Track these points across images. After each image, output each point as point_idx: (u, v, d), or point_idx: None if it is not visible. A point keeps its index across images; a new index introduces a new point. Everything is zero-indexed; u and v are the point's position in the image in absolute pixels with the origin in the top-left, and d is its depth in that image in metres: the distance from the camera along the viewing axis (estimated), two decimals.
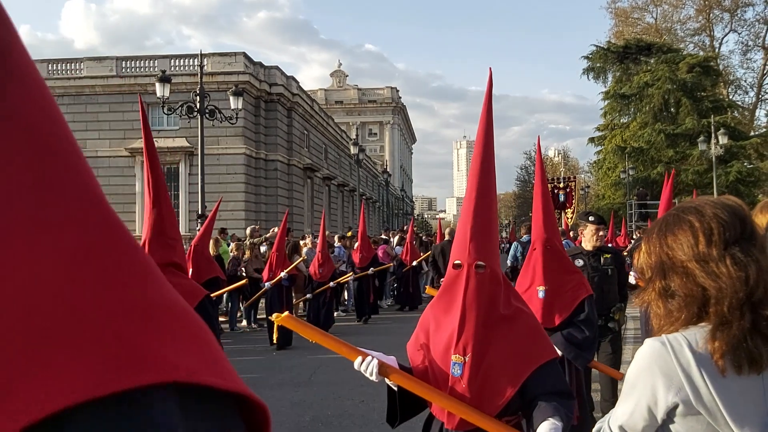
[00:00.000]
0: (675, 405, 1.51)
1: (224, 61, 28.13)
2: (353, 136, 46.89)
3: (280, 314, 2.43)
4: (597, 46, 38.35)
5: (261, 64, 29.89)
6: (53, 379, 0.44)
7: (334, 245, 15.45)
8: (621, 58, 36.98)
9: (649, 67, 35.57)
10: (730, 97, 39.21)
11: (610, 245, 9.29)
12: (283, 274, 10.56)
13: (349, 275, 12.72)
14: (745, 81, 40.69)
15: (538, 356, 2.32)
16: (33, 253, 0.48)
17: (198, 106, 17.25)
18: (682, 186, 30.16)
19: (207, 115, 17.61)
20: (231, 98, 18.68)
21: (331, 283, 11.69)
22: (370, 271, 13.22)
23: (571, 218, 29.87)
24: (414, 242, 17.14)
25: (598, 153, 38.93)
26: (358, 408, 6.46)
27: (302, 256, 12.61)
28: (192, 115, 17.97)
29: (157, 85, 17.56)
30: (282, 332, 9.05)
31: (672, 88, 33.89)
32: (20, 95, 0.51)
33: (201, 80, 17.67)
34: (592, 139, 39.36)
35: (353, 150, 31.53)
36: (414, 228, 17.85)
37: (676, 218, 1.64)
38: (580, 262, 5.48)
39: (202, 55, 18.42)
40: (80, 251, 0.50)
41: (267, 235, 14.59)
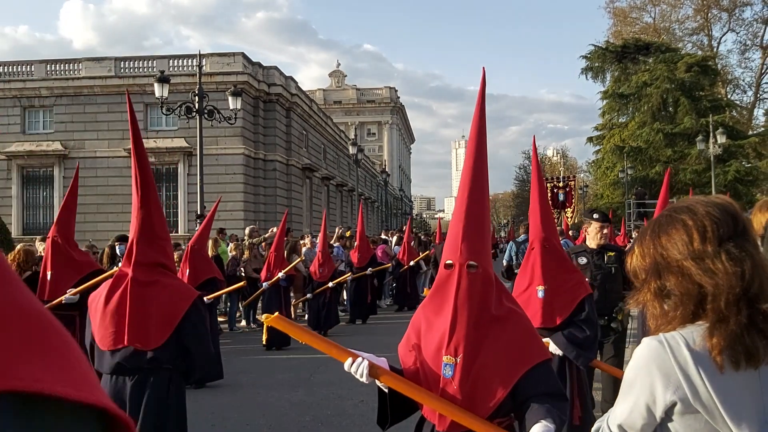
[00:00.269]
0: (673, 403, 1.52)
1: (223, 62, 28.11)
2: (352, 136, 46.97)
3: (270, 315, 2.42)
4: (595, 45, 38.40)
5: (259, 65, 29.86)
6: None
7: (333, 245, 15.46)
8: (619, 58, 37.01)
9: (647, 67, 35.60)
10: (729, 96, 39.25)
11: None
12: (280, 274, 10.55)
13: (348, 275, 12.70)
14: (744, 80, 40.80)
15: (531, 357, 2.30)
16: None
17: (197, 107, 17.24)
18: (680, 185, 30.17)
19: (206, 116, 17.61)
20: (230, 98, 18.67)
21: (330, 283, 11.68)
22: (368, 272, 13.22)
23: (570, 217, 29.90)
24: (413, 242, 17.15)
25: (597, 152, 38.93)
26: (358, 408, 6.47)
27: (300, 256, 12.62)
28: (191, 116, 17.96)
29: (156, 85, 17.56)
30: (275, 332, 9.01)
31: (670, 87, 33.90)
32: None
33: (200, 80, 17.66)
34: (590, 139, 39.36)
35: (352, 150, 31.53)
36: (413, 228, 17.83)
37: (668, 218, 1.65)
38: (583, 260, 5.43)
39: (200, 55, 18.40)
40: None
41: (266, 235, 14.58)
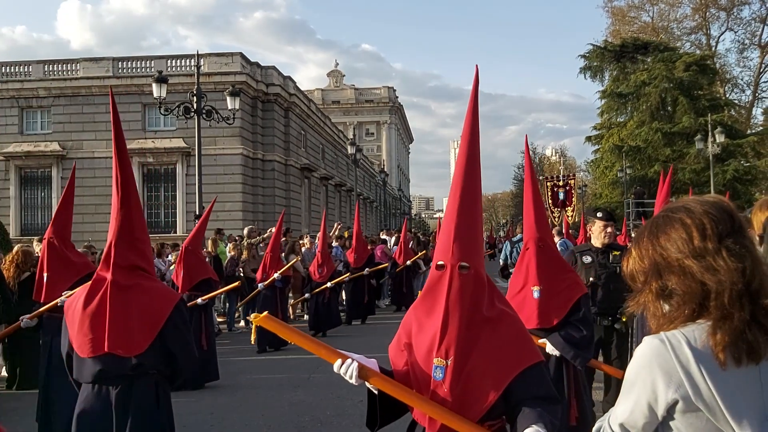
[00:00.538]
0: (675, 401, 1.51)
1: (221, 62, 28.10)
2: (350, 136, 46.94)
3: (259, 314, 2.39)
4: (594, 45, 38.44)
5: (258, 65, 29.85)
6: None
7: (332, 245, 15.44)
8: (618, 57, 37.04)
9: (645, 66, 35.62)
10: (727, 95, 39.30)
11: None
12: (276, 275, 10.50)
13: (346, 276, 12.67)
14: (742, 79, 40.83)
15: (523, 360, 2.26)
16: None
17: (195, 107, 17.23)
18: (679, 184, 30.17)
19: (204, 116, 17.59)
20: (228, 98, 18.66)
21: (329, 283, 11.66)
22: (365, 272, 13.17)
23: (571, 216, 29.87)
24: (412, 242, 17.11)
25: (596, 152, 38.95)
26: (357, 408, 6.45)
27: (297, 256, 12.60)
28: (189, 116, 17.95)
29: (154, 85, 17.54)
30: (272, 333, 8.96)
31: (669, 86, 33.93)
32: None
33: (198, 80, 17.64)
34: (589, 138, 39.38)
35: (350, 150, 31.53)
36: (412, 228, 17.80)
37: (666, 219, 1.65)
38: (588, 259, 5.39)
39: (198, 55, 18.38)
40: None
41: (264, 235, 14.56)
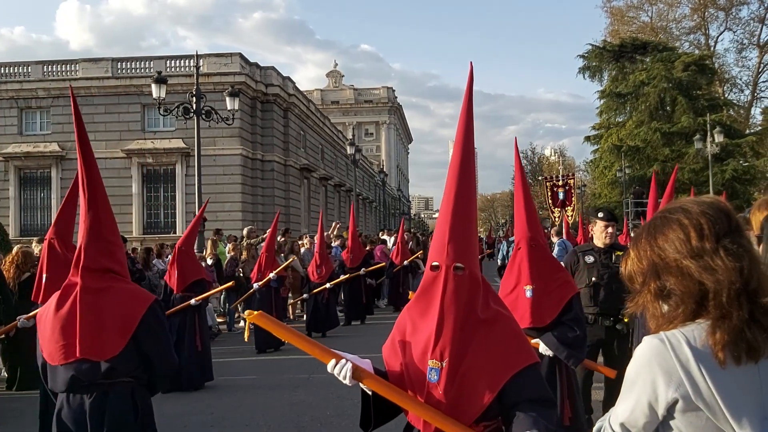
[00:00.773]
0: (675, 401, 1.52)
1: (220, 62, 28.10)
2: (349, 136, 46.89)
3: (253, 312, 2.35)
4: (593, 45, 38.47)
5: (257, 65, 29.84)
6: None
7: (332, 245, 15.44)
8: (617, 57, 37.06)
9: (644, 66, 35.65)
10: (726, 95, 39.32)
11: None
12: (272, 274, 10.45)
13: (346, 277, 12.64)
14: (741, 79, 40.85)
15: (518, 361, 2.24)
16: None
17: (194, 107, 17.22)
18: (678, 184, 30.15)
19: (203, 116, 17.59)
20: (227, 99, 18.66)
21: (328, 284, 11.65)
22: (361, 272, 13.14)
23: (571, 216, 29.84)
24: (411, 241, 17.11)
25: (595, 152, 38.97)
26: (357, 408, 6.42)
27: (292, 256, 12.59)
28: (188, 116, 17.95)
29: (153, 86, 17.53)
30: (270, 334, 8.89)
31: (668, 86, 33.94)
32: None
33: (197, 81, 17.63)
34: (588, 138, 39.39)
35: (350, 150, 31.54)
36: (411, 227, 17.78)
37: (663, 220, 1.65)
38: (590, 259, 5.40)
39: (197, 55, 18.37)
40: None
41: (264, 235, 14.57)
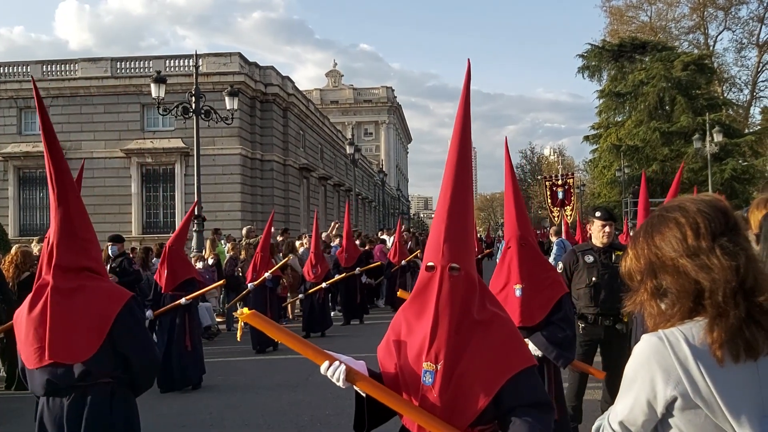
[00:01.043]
0: (674, 399, 1.52)
1: (219, 62, 28.08)
2: (349, 135, 46.84)
3: (244, 310, 2.30)
4: (592, 44, 38.46)
5: (256, 65, 29.82)
6: None
7: (331, 245, 15.43)
8: (616, 57, 37.06)
9: (643, 66, 35.65)
10: (725, 94, 39.32)
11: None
12: (267, 274, 10.42)
13: (342, 276, 12.61)
14: (740, 79, 40.87)
15: (514, 364, 2.19)
16: None
17: (193, 107, 17.20)
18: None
19: (202, 116, 17.56)
20: (226, 99, 18.64)
21: (324, 284, 11.62)
22: (356, 271, 13.11)
23: (570, 215, 29.85)
24: (410, 241, 17.10)
25: (594, 151, 38.97)
26: None
27: (288, 256, 12.58)
28: (187, 116, 17.92)
29: (152, 85, 17.51)
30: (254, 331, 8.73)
31: (667, 86, 33.94)
32: None
33: (196, 81, 17.61)
34: (587, 138, 39.38)
35: (349, 150, 31.53)
36: (410, 227, 17.78)
37: (660, 218, 1.66)
38: (590, 259, 5.40)
39: (197, 55, 18.35)
40: None
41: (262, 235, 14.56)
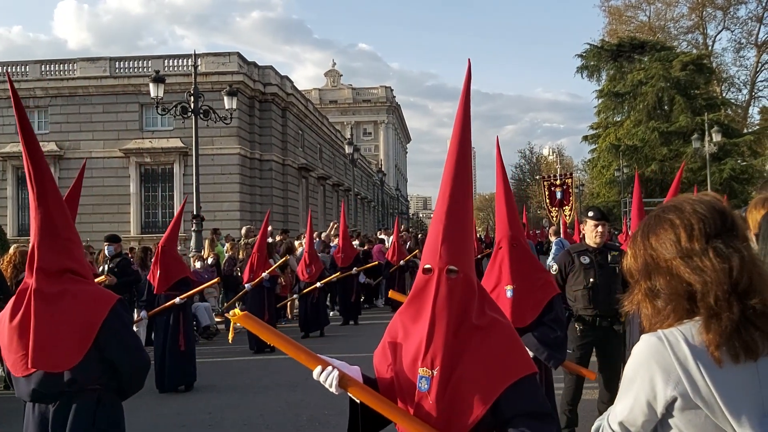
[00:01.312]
0: (674, 399, 1.52)
1: (218, 61, 28.08)
2: (348, 135, 46.91)
3: (237, 311, 2.25)
4: (591, 44, 38.47)
5: (255, 64, 29.82)
6: None
7: (330, 245, 15.43)
8: (615, 56, 37.07)
9: (642, 65, 35.66)
10: (724, 94, 39.35)
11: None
12: (264, 274, 10.40)
13: (336, 275, 12.56)
14: (738, 78, 40.89)
15: (514, 371, 2.10)
16: None
17: (192, 107, 17.20)
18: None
19: (201, 116, 17.56)
20: (225, 98, 18.64)
21: (318, 284, 11.60)
22: (353, 271, 13.08)
23: (569, 215, 29.86)
24: (410, 241, 17.10)
25: (593, 151, 38.99)
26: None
27: (285, 256, 12.58)
28: (186, 116, 17.91)
29: (151, 85, 17.50)
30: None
31: (666, 86, 33.96)
32: None
33: (195, 80, 17.61)
34: (586, 138, 39.40)
35: (348, 149, 31.54)
36: (410, 227, 17.78)
37: (657, 219, 1.66)
38: (586, 259, 5.39)
39: (195, 55, 18.35)
40: None
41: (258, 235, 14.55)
